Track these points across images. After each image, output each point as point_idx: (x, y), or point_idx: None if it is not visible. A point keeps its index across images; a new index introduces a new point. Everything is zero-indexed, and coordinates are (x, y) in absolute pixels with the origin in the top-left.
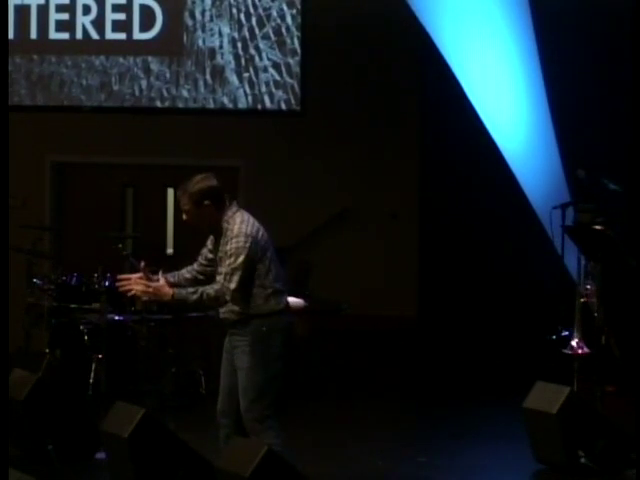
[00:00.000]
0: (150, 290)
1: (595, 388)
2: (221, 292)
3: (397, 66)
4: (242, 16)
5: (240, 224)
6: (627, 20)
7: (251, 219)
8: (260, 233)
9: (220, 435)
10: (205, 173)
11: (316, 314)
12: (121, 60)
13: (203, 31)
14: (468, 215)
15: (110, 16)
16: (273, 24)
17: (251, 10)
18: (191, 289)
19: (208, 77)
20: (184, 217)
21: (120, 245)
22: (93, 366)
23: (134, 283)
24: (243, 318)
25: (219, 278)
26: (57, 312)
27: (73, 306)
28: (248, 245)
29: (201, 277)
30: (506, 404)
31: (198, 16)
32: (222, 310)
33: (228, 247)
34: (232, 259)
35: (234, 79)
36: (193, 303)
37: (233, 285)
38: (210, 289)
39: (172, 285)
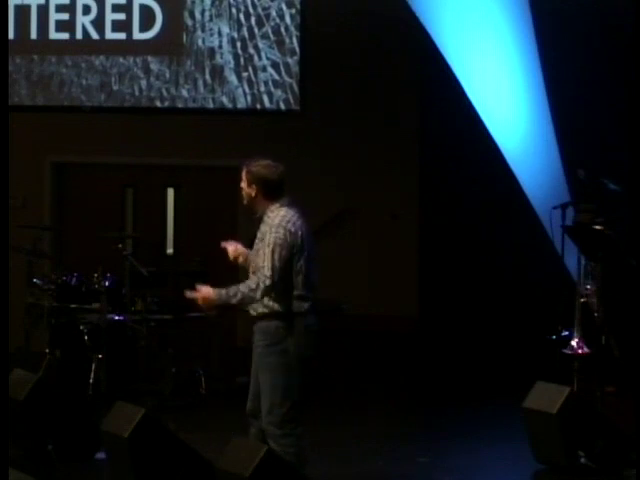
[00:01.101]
0: (197, 296)
1: (595, 388)
2: (255, 285)
3: (397, 66)
4: (241, 16)
5: (282, 217)
6: (627, 19)
7: (295, 217)
8: (300, 233)
9: (250, 433)
10: (274, 163)
11: (316, 314)
12: (121, 60)
13: (203, 31)
14: (468, 215)
15: (110, 16)
16: (272, 24)
17: (250, 10)
18: (231, 290)
19: (207, 77)
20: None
21: (120, 245)
22: (93, 366)
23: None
24: (263, 315)
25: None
26: (57, 312)
27: (73, 306)
28: (283, 237)
29: None
30: (506, 404)
31: (198, 16)
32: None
33: (267, 238)
34: (268, 249)
35: (233, 78)
36: (236, 303)
37: (268, 273)
38: (244, 286)
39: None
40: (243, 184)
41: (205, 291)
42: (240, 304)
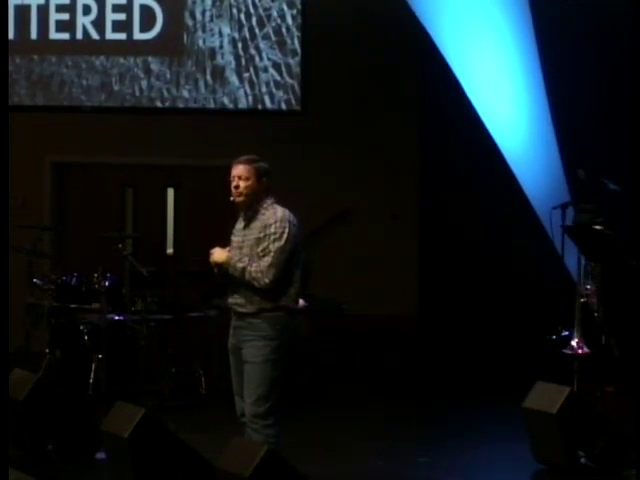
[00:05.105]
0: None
1: (595, 388)
2: (259, 272)
3: (397, 66)
4: (242, 16)
5: (283, 211)
6: (627, 19)
7: (291, 214)
8: (297, 227)
9: (245, 434)
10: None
11: (316, 314)
12: (121, 60)
13: (203, 31)
14: (468, 215)
15: (110, 16)
16: (273, 24)
17: (251, 10)
18: (241, 261)
19: (208, 77)
20: (237, 184)
21: (120, 245)
22: (93, 366)
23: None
24: (258, 311)
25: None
26: (57, 312)
27: (73, 306)
28: (289, 230)
29: None
30: (506, 404)
31: (198, 16)
32: (233, 299)
33: (272, 230)
34: (276, 244)
35: (234, 79)
36: (236, 272)
37: (273, 270)
38: (254, 266)
39: None
40: (244, 183)
41: (220, 250)
42: (240, 277)
